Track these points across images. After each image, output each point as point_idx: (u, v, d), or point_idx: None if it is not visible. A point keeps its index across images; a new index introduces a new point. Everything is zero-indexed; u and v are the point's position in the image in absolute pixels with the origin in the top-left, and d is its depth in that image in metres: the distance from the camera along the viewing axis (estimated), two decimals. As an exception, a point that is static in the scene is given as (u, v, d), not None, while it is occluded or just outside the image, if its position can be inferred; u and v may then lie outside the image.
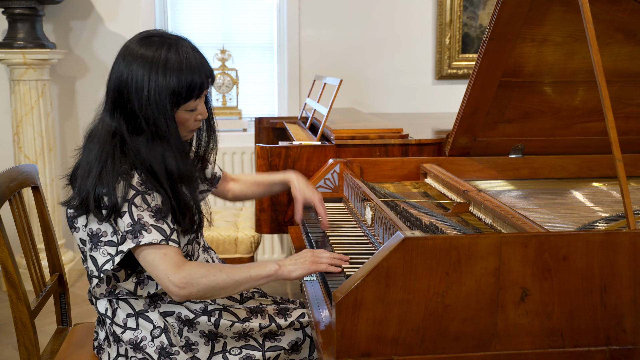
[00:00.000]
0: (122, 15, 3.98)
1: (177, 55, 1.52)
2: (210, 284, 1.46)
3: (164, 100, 1.50)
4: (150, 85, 1.50)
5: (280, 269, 1.51)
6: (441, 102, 4.24)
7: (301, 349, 1.67)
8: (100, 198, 1.47)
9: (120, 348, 1.60)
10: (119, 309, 1.61)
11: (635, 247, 1.36)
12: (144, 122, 1.51)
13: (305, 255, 1.55)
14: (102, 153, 1.50)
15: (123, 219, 1.46)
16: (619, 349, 1.39)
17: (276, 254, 4.18)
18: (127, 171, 1.48)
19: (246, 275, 1.49)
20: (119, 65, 1.55)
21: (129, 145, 1.52)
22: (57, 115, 3.99)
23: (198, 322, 1.60)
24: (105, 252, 1.50)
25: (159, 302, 1.62)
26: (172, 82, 1.50)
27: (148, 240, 1.45)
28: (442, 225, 1.69)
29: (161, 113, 1.50)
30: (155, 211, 1.49)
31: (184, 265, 1.46)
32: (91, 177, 1.48)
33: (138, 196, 1.48)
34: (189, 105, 1.55)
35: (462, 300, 1.33)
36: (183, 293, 1.44)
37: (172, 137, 1.53)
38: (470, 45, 4.25)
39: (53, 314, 2.00)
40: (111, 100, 1.55)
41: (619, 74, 2.26)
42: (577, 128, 2.43)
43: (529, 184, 2.34)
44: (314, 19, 4.14)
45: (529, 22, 2.05)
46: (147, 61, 1.51)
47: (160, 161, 1.52)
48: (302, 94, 4.16)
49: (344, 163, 2.33)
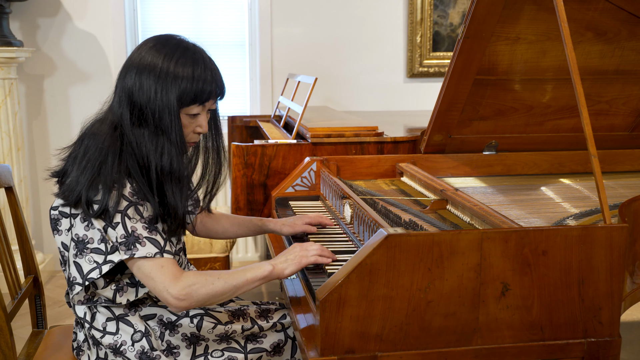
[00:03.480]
0: (91, 12, 3.92)
1: (194, 55, 1.52)
2: (210, 292, 1.45)
3: (171, 94, 1.49)
4: (161, 77, 1.49)
5: (274, 269, 1.51)
6: (413, 100, 4.27)
7: (283, 351, 1.67)
8: (90, 203, 1.45)
9: (99, 351, 1.58)
10: (98, 314, 1.59)
11: (611, 241, 1.39)
12: (150, 114, 1.49)
13: (295, 251, 1.55)
14: (102, 150, 1.47)
15: (116, 230, 1.44)
16: (596, 341, 1.42)
17: (250, 253, 4.17)
18: (120, 180, 1.46)
19: (243, 279, 1.48)
20: (133, 56, 1.54)
21: (128, 138, 1.49)
22: (25, 114, 3.92)
23: (180, 325, 1.59)
24: (92, 260, 1.47)
25: (140, 306, 1.60)
26: (182, 78, 1.50)
27: (142, 254, 1.43)
28: (421, 222, 1.71)
29: (166, 106, 1.49)
30: (149, 222, 1.47)
31: (182, 277, 1.44)
32: (84, 177, 1.46)
33: (131, 207, 1.46)
34: (191, 109, 1.54)
35: (445, 296, 1.34)
36: (183, 305, 1.43)
37: (174, 132, 1.50)
38: (441, 43, 4.29)
39: (25, 317, 1.97)
40: (120, 90, 1.53)
41: (589, 71, 2.31)
42: (549, 125, 2.47)
43: (502, 181, 2.37)
44: (286, 17, 4.14)
45: (503, 21, 2.07)
46: (162, 54, 1.50)
47: (157, 154, 1.49)
48: (275, 92, 4.15)
49: (321, 161, 2.33)
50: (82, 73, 3.93)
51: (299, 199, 2.30)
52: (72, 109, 3.96)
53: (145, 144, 1.49)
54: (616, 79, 2.36)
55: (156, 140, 1.50)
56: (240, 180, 2.44)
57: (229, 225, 1.95)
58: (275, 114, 3.42)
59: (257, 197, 2.46)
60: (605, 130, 2.53)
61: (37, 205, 4.04)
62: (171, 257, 1.46)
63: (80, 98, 3.95)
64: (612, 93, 2.42)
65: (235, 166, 2.44)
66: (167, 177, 1.51)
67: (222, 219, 1.95)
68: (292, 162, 2.46)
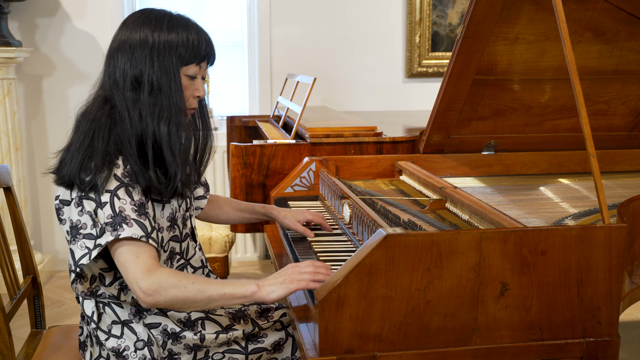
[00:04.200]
0: (90, 12, 3.92)
1: (183, 20, 1.55)
2: (179, 295, 1.38)
3: (169, 54, 1.49)
4: (155, 39, 1.49)
5: (258, 291, 1.40)
6: (411, 100, 4.27)
7: (283, 348, 1.66)
8: (82, 180, 1.43)
9: (102, 351, 1.57)
10: (105, 314, 1.57)
11: (610, 241, 1.39)
12: (146, 81, 1.48)
13: (287, 273, 1.43)
14: (92, 122, 1.47)
15: (104, 210, 1.41)
16: (595, 341, 1.42)
17: (249, 253, 4.17)
18: (112, 160, 1.44)
19: (219, 292, 1.39)
20: (121, 30, 1.54)
21: (120, 108, 1.48)
22: (23, 114, 3.92)
23: (184, 337, 1.56)
24: (83, 246, 1.43)
25: (145, 313, 1.57)
26: (178, 37, 1.51)
27: (128, 234, 1.39)
28: (420, 222, 1.71)
29: (165, 71, 1.49)
30: (139, 206, 1.44)
31: (155, 271, 1.39)
32: (78, 153, 1.45)
33: (122, 188, 1.43)
34: (190, 69, 1.54)
35: (444, 296, 1.34)
36: (149, 300, 1.37)
37: (175, 93, 1.50)
38: (440, 43, 4.29)
39: (23, 317, 1.96)
40: (111, 71, 1.52)
41: (587, 71, 2.31)
42: (548, 125, 2.47)
43: (501, 181, 2.37)
44: (285, 17, 4.14)
45: (502, 21, 2.07)
46: (152, 20, 1.51)
47: (155, 118, 1.48)
48: (274, 92, 4.15)
49: (320, 161, 2.33)
50: (80, 73, 3.93)
51: (297, 199, 2.30)
52: (70, 109, 3.95)
53: (139, 110, 1.48)
54: (615, 79, 2.36)
55: (153, 104, 1.49)
56: (239, 180, 2.44)
57: (232, 210, 1.96)
58: (274, 114, 3.42)
59: (256, 197, 2.46)
60: (604, 130, 2.53)
61: (35, 205, 4.03)
62: (153, 248, 1.43)
63: (79, 98, 3.89)
64: (610, 93, 2.42)
65: (234, 166, 2.44)
66: (166, 141, 1.49)
67: (224, 205, 1.96)
68: (291, 162, 2.46)
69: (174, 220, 1.60)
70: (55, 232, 4.08)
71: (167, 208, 1.57)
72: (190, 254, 1.69)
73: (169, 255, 1.62)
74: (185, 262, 1.69)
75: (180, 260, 1.66)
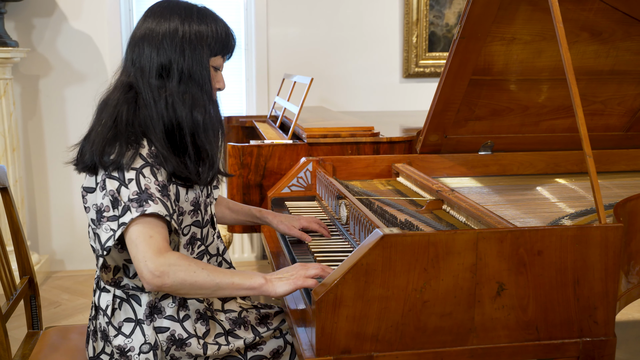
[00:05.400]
0: (86, 12, 3.91)
1: (210, 12, 1.58)
2: (188, 279, 1.36)
3: (199, 44, 1.51)
4: (185, 29, 1.50)
5: (266, 284, 1.41)
6: (409, 100, 4.27)
7: (282, 356, 1.66)
8: (106, 162, 1.42)
9: (107, 347, 1.55)
10: (119, 310, 1.55)
11: (606, 241, 1.40)
12: (176, 70, 1.49)
13: (294, 270, 1.45)
14: (115, 107, 1.47)
15: (129, 186, 1.39)
16: (591, 341, 1.43)
17: (246, 253, 4.17)
18: (137, 140, 1.44)
19: (229, 280, 1.39)
20: (147, 19, 1.54)
21: (144, 97, 1.48)
22: (20, 114, 3.91)
23: (189, 344, 1.54)
24: (108, 228, 1.40)
25: (156, 316, 1.54)
26: (208, 29, 1.53)
27: (154, 210, 1.37)
28: (417, 222, 1.71)
29: (199, 57, 1.51)
30: (162, 187, 1.43)
31: (166, 253, 1.36)
32: (100, 136, 1.44)
33: (147, 167, 1.43)
34: (216, 60, 1.56)
35: (440, 296, 1.35)
36: (156, 282, 1.34)
37: (206, 82, 1.52)
38: (437, 43, 4.29)
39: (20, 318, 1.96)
40: (133, 50, 1.52)
41: (584, 71, 2.31)
42: (544, 125, 2.48)
43: (498, 181, 2.38)
44: (282, 17, 4.14)
45: (499, 21, 2.08)
46: (182, 10, 1.53)
47: (186, 106, 1.49)
48: (271, 93, 4.15)
49: (317, 161, 2.33)
50: (77, 73, 3.92)
51: (295, 200, 2.30)
52: (67, 109, 3.95)
53: (165, 98, 1.48)
54: (611, 79, 2.37)
55: (183, 92, 1.50)
56: (237, 180, 2.44)
57: (227, 211, 1.96)
58: (271, 114, 3.42)
59: (253, 198, 2.46)
60: (601, 130, 2.54)
61: (32, 206, 4.03)
62: (167, 231, 1.42)
63: (75, 98, 3.95)
64: (607, 93, 2.43)
65: (231, 166, 2.44)
66: (202, 129, 1.51)
67: (221, 204, 1.96)
68: (288, 162, 2.46)
69: (197, 205, 1.60)
70: (52, 233, 4.07)
71: (191, 192, 1.57)
72: (209, 241, 1.68)
73: (189, 240, 1.60)
74: (205, 248, 1.68)
75: (201, 247, 1.65)
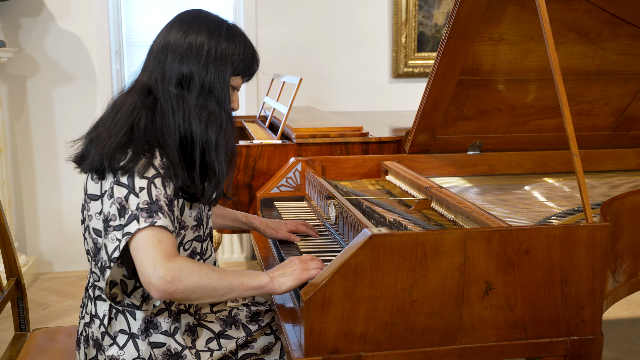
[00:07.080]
0: (74, 12, 3.89)
1: (239, 31, 1.55)
2: (201, 282, 1.32)
3: (224, 62, 1.50)
4: (212, 45, 1.49)
5: (271, 282, 1.40)
6: (398, 100, 4.28)
7: (272, 351, 1.66)
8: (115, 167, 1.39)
9: (99, 356, 1.52)
10: (115, 321, 1.52)
11: (593, 240, 1.41)
12: (197, 79, 1.48)
13: (294, 265, 1.44)
14: (133, 110, 1.44)
15: (140, 195, 1.35)
16: (579, 339, 1.43)
17: (235, 254, 4.16)
18: (151, 149, 1.41)
19: (239, 281, 1.37)
20: (173, 27, 1.53)
21: (163, 105, 1.46)
22: (7, 115, 3.88)
23: (185, 356, 1.51)
24: (114, 238, 1.35)
25: (152, 331, 1.51)
26: (236, 49, 1.51)
27: (163, 223, 1.33)
28: (405, 222, 1.71)
29: (222, 74, 1.49)
30: (169, 201, 1.40)
31: (176, 258, 1.32)
32: (113, 140, 1.40)
33: (159, 178, 1.39)
34: (236, 80, 1.54)
35: (429, 296, 1.35)
36: (167, 288, 1.28)
37: (225, 100, 1.50)
38: (426, 44, 4.30)
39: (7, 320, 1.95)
40: (157, 56, 1.51)
41: (571, 72, 2.33)
42: (532, 125, 2.49)
43: (486, 180, 2.39)
44: (271, 17, 4.13)
45: (486, 22, 2.09)
46: (211, 25, 1.51)
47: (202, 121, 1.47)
48: (260, 93, 4.15)
49: (306, 162, 2.33)
50: (65, 74, 3.90)
51: (284, 200, 2.30)
52: (55, 110, 3.93)
53: (184, 109, 1.47)
54: (598, 79, 2.39)
55: (201, 106, 1.48)
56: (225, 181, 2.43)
57: (214, 216, 1.93)
58: (260, 115, 3.41)
59: (242, 198, 2.46)
60: (588, 130, 2.55)
61: (20, 207, 4.00)
62: (174, 239, 1.38)
63: (63, 99, 3.92)
64: (594, 93, 2.44)
65: (220, 167, 2.43)
66: (214, 148, 1.49)
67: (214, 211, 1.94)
68: (277, 162, 2.46)
69: (200, 220, 1.58)
70: (40, 234, 4.05)
71: (195, 207, 1.55)
72: (208, 254, 1.67)
73: (189, 254, 1.59)
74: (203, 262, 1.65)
75: (200, 261, 1.64)
